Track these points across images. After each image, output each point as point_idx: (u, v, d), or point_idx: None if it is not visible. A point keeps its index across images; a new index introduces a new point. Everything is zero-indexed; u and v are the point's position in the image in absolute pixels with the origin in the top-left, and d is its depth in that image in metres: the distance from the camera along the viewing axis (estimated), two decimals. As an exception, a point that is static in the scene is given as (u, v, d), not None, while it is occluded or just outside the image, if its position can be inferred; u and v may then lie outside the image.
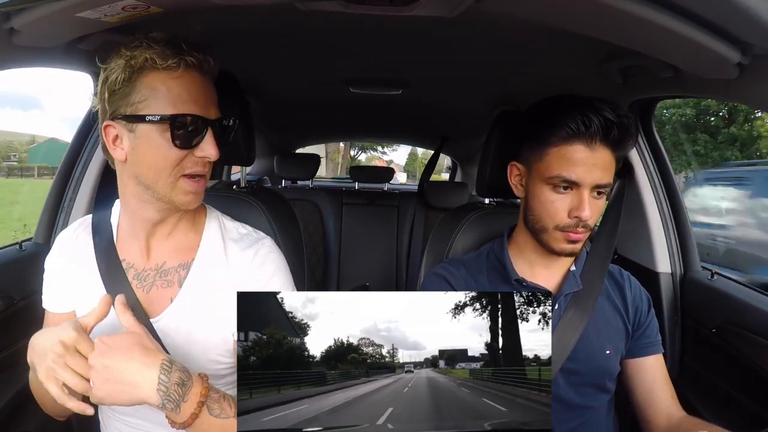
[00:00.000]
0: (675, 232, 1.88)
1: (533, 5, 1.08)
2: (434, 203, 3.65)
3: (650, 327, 1.42)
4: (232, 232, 1.34)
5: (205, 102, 1.14)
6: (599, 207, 1.30)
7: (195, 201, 1.18)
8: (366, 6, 1.20)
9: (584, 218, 1.25)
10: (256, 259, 1.28)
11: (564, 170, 1.26)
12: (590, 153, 1.24)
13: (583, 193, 1.25)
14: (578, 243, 1.30)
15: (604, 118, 1.22)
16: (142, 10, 1.06)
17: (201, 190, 1.18)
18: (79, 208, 1.81)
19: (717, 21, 0.97)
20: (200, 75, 1.14)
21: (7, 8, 1.03)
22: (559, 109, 1.28)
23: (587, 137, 1.23)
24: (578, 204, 1.25)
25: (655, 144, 1.88)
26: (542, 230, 1.32)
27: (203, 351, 1.21)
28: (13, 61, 1.25)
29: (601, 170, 1.25)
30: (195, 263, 1.26)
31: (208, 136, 1.13)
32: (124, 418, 1.26)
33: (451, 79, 2.29)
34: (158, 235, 1.26)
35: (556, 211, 1.29)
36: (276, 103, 3.03)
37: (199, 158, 1.14)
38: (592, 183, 1.25)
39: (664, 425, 1.34)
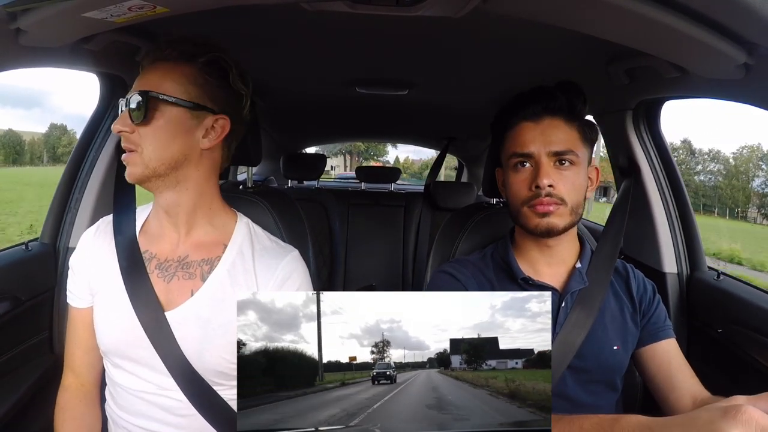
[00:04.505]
0: (681, 232, 1.88)
1: (539, 6, 1.08)
2: (441, 204, 3.64)
3: (657, 313, 1.41)
4: (263, 240, 1.37)
5: (135, 86, 1.20)
6: (568, 179, 1.30)
7: (127, 173, 1.22)
8: (372, 6, 1.20)
9: (543, 185, 1.26)
10: (283, 272, 1.30)
11: (515, 147, 1.34)
12: (535, 125, 1.33)
13: (540, 162, 1.29)
14: (551, 216, 1.29)
15: (544, 93, 1.32)
16: (149, 10, 1.06)
17: (128, 161, 1.21)
18: (85, 209, 1.81)
19: (723, 21, 0.96)
20: (151, 64, 1.23)
21: (14, 8, 1.04)
22: (507, 105, 1.40)
23: (531, 114, 1.34)
24: (536, 173, 1.28)
25: (662, 144, 1.88)
26: (516, 214, 1.35)
27: (218, 347, 1.22)
28: (19, 62, 1.26)
29: (554, 138, 1.30)
30: (222, 261, 1.28)
31: (124, 112, 1.19)
32: (132, 419, 1.27)
33: (457, 79, 2.29)
34: (180, 228, 1.30)
35: (518, 187, 1.33)
36: (282, 103, 3.03)
37: (118, 132, 1.20)
38: (545, 151, 1.29)
39: (690, 407, 1.28)
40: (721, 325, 1.62)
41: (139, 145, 1.18)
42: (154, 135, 1.18)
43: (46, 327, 1.76)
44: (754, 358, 1.47)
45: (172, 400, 1.23)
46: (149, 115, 1.17)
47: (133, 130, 1.17)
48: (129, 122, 1.17)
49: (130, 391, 1.26)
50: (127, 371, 1.26)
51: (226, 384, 1.26)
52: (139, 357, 1.23)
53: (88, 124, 1.86)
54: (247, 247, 1.32)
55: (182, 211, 1.27)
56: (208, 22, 1.26)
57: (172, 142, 1.20)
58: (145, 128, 1.17)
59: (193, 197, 1.27)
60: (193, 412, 1.22)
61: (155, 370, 1.22)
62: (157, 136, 1.18)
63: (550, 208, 1.27)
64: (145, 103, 1.17)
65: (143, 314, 1.22)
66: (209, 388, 1.23)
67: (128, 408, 1.27)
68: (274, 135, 4.15)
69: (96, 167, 1.83)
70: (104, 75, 1.76)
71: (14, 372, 1.59)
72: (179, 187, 1.24)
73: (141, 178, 1.20)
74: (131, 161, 1.19)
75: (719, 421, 0.70)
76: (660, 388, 1.36)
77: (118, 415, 1.30)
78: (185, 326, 1.22)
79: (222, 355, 1.22)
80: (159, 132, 1.18)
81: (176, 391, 1.22)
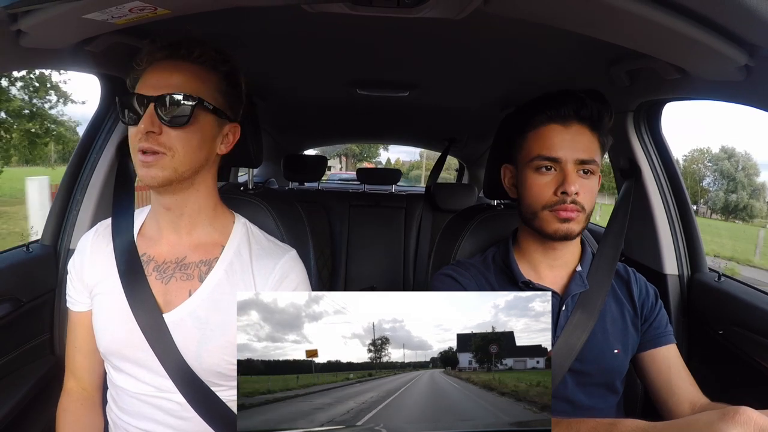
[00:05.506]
0: (682, 233, 1.87)
1: (540, 7, 1.08)
2: (442, 205, 3.64)
3: (659, 318, 1.40)
4: (260, 240, 1.37)
5: (156, 83, 1.16)
6: (589, 187, 1.30)
7: (147, 176, 1.16)
8: (373, 8, 1.20)
9: (570, 192, 1.26)
10: (281, 271, 1.31)
11: (543, 149, 1.30)
12: (565, 130, 1.30)
13: (566, 168, 1.28)
14: (571, 223, 1.29)
15: (575, 98, 1.29)
16: (150, 12, 1.06)
17: (153, 164, 1.15)
18: (86, 211, 1.81)
19: (724, 23, 0.96)
20: (170, 61, 1.19)
21: (15, 10, 1.04)
22: (533, 102, 1.36)
23: (560, 117, 1.30)
24: (563, 180, 1.27)
25: (663, 146, 1.87)
26: (533, 216, 1.34)
27: (217, 348, 1.22)
28: (20, 63, 1.26)
29: (581, 145, 1.29)
30: (219, 262, 1.28)
31: (148, 110, 1.14)
32: (133, 421, 1.27)
33: (458, 80, 2.29)
34: (180, 229, 1.30)
35: (541, 191, 1.31)
36: (283, 104, 3.03)
37: (142, 133, 1.13)
38: (573, 158, 1.28)
39: (689, 414, 1.29)
40: (721, 327, 1.62)
41: (170, 148, 1.15)
42: (187, 139, 1.16)
43: (47, 329, 1.76)
44: (754, 360, 1.47)
45: (172, 402, 1.24)
46: (192, 119, 1.15)
47: (161, 131, 1.14)
48: (158, 122, 1.14)
49: (130, 394, 1.26)
50: (127, 373, 1.26)
51: (225, 385, 1.26)
52: (138, 359, 1.23)
53: (89, 126, 1.86)
54: (245, 248, 1.32)
55: (188, 213, 1.28)
56: (209, 23, 1.26)
57: (203, 147, 1.21)
58: (178, 131, 1.15)
59: (200, 199, 1.28)
60: (193, 413, 1.22)
61: (154, 372, 1.22)
62: (190, 140, 1.17)
63: (572, 214, 1.28)
64: (192, 107, 1.15)
65: (141, 316, 1.22)
66: (208, 390, 1.23)
67: (129, 410, 1.27)
68: (275, 136, 4.15)
69: (97, 169, 1.82)
70: (105, 76, 1.76)
71: (15, 374, 1.59)
72: (191, 190, 1.25)
73: (166, 181, 1.17)
74: (159, 164, 1.15)
75: (718, 423, 0.70)
76: (659, 394, 1.36)
77: (118, 417, 1.30)
78: (183, 327, 1.22)
79: (221, 356, 1.22)
80: (193, 136, 1.17)
81: (175, 393, 1.22)
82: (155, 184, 1.17)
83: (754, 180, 42.66)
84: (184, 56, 1.19)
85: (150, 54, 1.20)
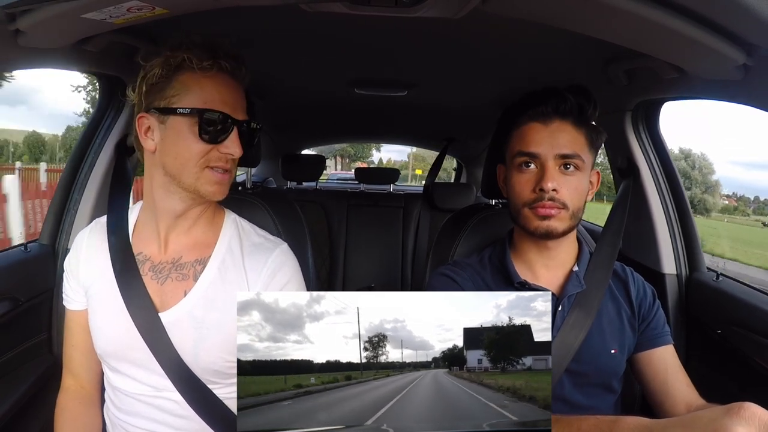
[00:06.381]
0: (680, 233, 1.87)
1: (538, 6, 1.08)
2: (440, 204, 3.64)
3: (656, 319, 1.40)
4: (251, 235, 1.38)
5: (234, 103, 1.20)
6: (573, 184, 1.30)
7: (219, 192, 1.23)
8: (371, 8, 1.20)
9: (547, 189, 1.26)
10: (272, 265, 1.31)
11: (522, 146, 1.32)
12: (545, 127, 1.31)
13: (546, 165, 1.28)
14: (551, 220, 1.28)
15: (555, 94, 1.31)
16: (148, 12, 1.06)
17: (225, 182, 1.23)
18: (84, 210, 1.80)
19: (722, 22, 0.96)
20: (232, 79, 1.21)
21: (13, 9, 1.03)
22: (518, 102, 1.40)
23: (540, 115, 1.32)
24: (541, 176, 1.27)
25: (661, 145, 1.87)
26: (517, 214, 1.34)
27: (213, 346, 1.23)
28: (19, 63, 1.26)
29: (562, 141, 1.29)
30: (211, 260, 1.29)
31: (233, 135, 1.19)
32: (131, 421, 1.27)
33: (456, 80, 2.29)
34: (178, 229, 1.30)
35: (521, 188, 1.32)
36: (281, 104, 3.03)
37: (223, 154, 1.19)
38: (552, 153, 1.28)
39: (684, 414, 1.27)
40: (720, 326, 1.62)
41: (235, 167, 1.27)
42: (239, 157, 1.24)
43: (45, 328, 1.75)
44: (753, 359, 1.47)
45: (170, 401, 1.24)
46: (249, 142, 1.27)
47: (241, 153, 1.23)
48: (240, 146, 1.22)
49: (128, 393, 1.26)
50: (124, 373, 1.26)
51: (222, 383, 1.26)
52: (135, 359, 1.23)
53: (87, 125, 1.85)
54: (236, 244, 1.33)
55: (192, 216, 1.29)
56: (207, 23, 1.26)
57: None
58: None
59: (205, 202, 1.29)
60: (191, 412, 1.23)
61: (152, 372, 1.22)
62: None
63: (551, 211, 1.27)
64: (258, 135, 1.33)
65: (138, 316, 1.22)
66: (205, 388, 1.23)
67: (127, 410, 1.27)
68: (273, 136, 4.14)
69: (95, 168, 1.82)
70: (103, 76, 1.75)
71: (13, 373, 1.58)
72: None
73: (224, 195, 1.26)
74: (229, 181, 1.25)
75: (722, 419, 0.70)
76: (655, 395, 1.36)
77: (116, 417, 1.30)
78: (179, 327, 1.22)
79: (218, 354, 1.23)
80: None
81: (173, 392, 1.22)
82: (222, 197, 1.26)
83: (709, 178, 47.51)
84: (221, 68, 1.18)
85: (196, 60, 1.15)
